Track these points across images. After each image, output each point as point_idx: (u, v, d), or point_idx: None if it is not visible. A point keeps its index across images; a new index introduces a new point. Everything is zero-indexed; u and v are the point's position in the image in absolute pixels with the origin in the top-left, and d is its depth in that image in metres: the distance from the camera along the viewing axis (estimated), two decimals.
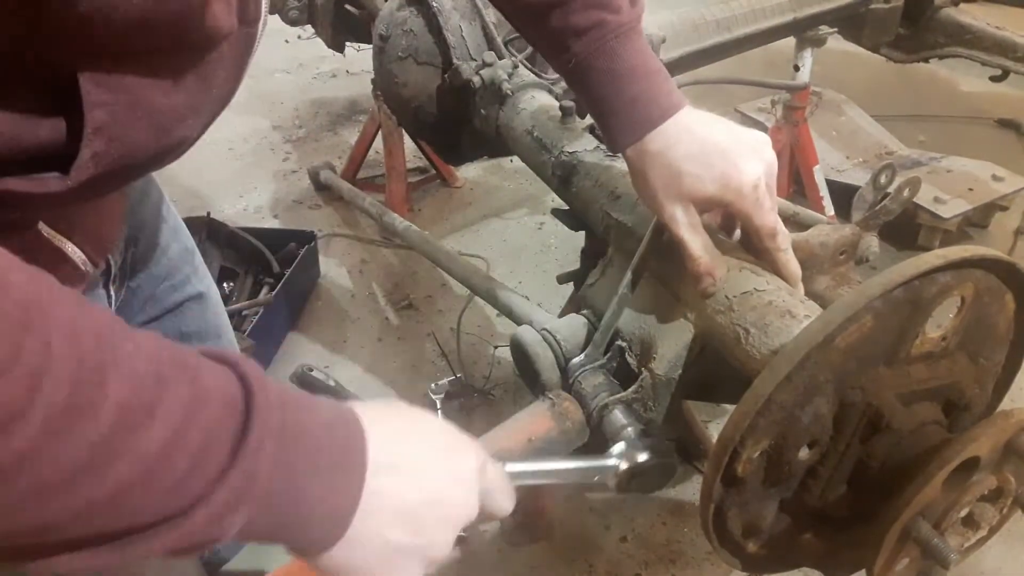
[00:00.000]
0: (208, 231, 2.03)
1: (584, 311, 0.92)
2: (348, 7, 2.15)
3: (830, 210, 2.34)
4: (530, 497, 1.42)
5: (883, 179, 0.87)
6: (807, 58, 2.10)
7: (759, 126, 2.47)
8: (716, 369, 0.80)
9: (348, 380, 1.87)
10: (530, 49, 1.30)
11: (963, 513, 0.65)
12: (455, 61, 1.25)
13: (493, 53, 1.24)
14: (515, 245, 2.45)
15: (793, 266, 0.78)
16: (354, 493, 0.47)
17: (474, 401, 1.83)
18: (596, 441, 0.85)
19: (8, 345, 0.34)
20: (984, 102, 3.12)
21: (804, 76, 2.14)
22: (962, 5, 2.02)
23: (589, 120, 1.06)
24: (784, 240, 0.77)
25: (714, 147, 0.74)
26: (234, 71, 0.59)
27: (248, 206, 2.64)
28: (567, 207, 1.07)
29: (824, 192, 2.37)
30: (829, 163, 2.53)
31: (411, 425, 0.53)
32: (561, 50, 0.78)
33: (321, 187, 2.62)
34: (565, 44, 0.77)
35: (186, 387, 0.40)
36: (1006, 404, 0.74)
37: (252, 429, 0.41)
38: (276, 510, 0.43)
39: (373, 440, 0.48)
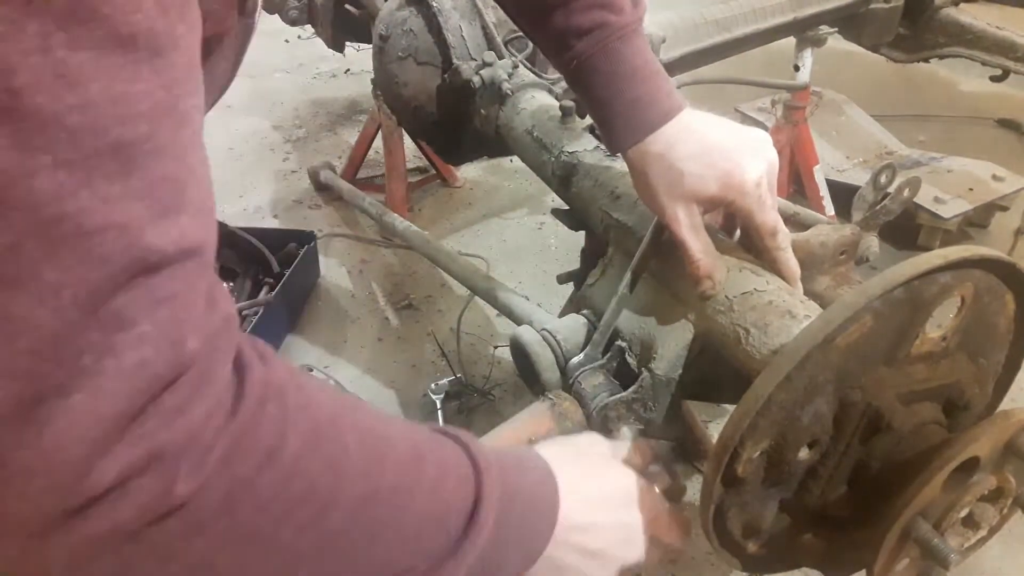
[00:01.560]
0: None
1: (584, 311, 0.92)
2: (348, 7, 2.15)
3: (830, 210, 2.34)
4: None
5: (883, 179, 0.87)
6: (807, 58, 2.10)
7: (759, 126, 2.46)
8: (716, 369, 0.80)
9: (348, 380, 1.87)
10: (530, 49, 1.30)
11: (963, 513, 0.65)
12: (455, 61, 1.25)
13: (493, 53, 1.24)
14: (515, 245, 2.45)
15: (792, 265, 0.78)
16: (542, 546, 0.56)
17: (474, 401, 1.83)
18: None
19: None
20: (984, 102, 3.12)
21: (804, 76, 2.13)
22: (962, 5, 2.02)
23: (589, 120, 1.06)
24: (784, 239, 0.77)
25: (716, 146, 0.74)
26: (233, 61, 0.60)
27: (248, 206, 2.64)
28: (567, 207, 1.07)
29: (824, 192, 2.37)
30: (829, 163, 2.53)
31: (590, 477, 0.63)
32: (563, 50, 0.78)
33: (321, 187, 2.62)
34: (567, 44, 0.77)
35: (434, 465, 0.49)
36: (1006, 404, 0.74)
37: (482, 501, 0.50)
38: (483, 564, 0.50)
39: (564, 500, 0.57)
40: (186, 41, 0.35)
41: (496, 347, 1.97)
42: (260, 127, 3.13)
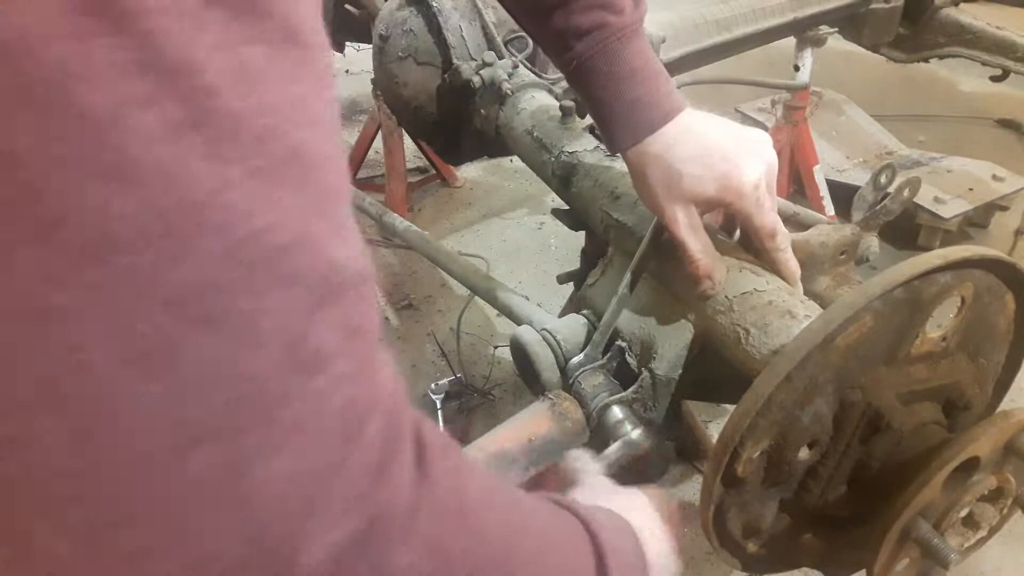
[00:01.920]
0: None
1: (584, 311, 0.92)
2: (348, 7, 2.15)
3: (830, 210, 2.35)
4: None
5: (883, 179, 0.87)
6: (807, 58, 2.10)
7: (759, 126, 2.47)
8: (716, 369, 0.80)
9: None
10: (530, 49, 1.30)
11: (963, 513, 0.65)
12: (455, 61, 1.25)
13: (493, 53, 1.24)
14: (515, 245, 2.45)
15: (792, 266, 0.78)
16: None
17: (474, 401, 1.83)
18: (596, 441, 0.85)
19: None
20: (984, 102, 3.12)
21: (804, 76, 2.14)
22: (962, 5, 2.02)
23: (589, 120, 1.06)
24: (784, 240, 0.77)
25: (715, 148, 0.74)
26: None
27: None
28: (567, 207, 1.07)
29: (824, 192, 2.37)
30: (829, 163, 2.53)
31: (649, 523, 0.61)
32: (563, 50, 0.78)
33: None
34: (567, 44, 0.77)
35: (565, 538, 0.45)
36: (1006, 404, 0.74)
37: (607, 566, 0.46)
38: None
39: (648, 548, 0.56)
40: (324, 36, 0.31)
41: (496, 347, 1.97)
42: None
